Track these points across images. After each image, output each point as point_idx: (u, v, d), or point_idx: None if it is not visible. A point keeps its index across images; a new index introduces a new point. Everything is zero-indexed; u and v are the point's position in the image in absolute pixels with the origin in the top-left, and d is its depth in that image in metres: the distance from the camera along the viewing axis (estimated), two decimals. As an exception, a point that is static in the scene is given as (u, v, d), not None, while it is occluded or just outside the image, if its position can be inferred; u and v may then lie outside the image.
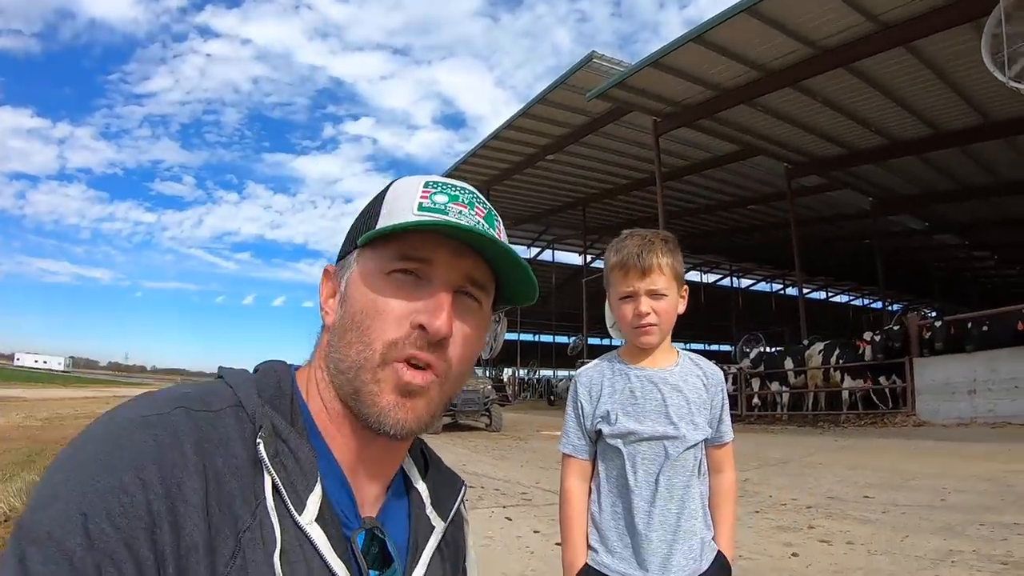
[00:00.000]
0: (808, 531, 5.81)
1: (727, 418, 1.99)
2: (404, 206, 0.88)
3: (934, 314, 16.99)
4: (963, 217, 28.04)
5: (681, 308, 1.95)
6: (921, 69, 15.94)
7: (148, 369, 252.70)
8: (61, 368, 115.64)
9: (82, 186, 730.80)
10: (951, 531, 5.47)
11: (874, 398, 16.84)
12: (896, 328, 16.30)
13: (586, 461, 1.96)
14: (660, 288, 1.86)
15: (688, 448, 1.84)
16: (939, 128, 19.26)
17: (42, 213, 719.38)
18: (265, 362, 0.92)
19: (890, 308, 32.90)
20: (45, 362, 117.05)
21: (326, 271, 0.95)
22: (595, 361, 2.06)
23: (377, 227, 0.87)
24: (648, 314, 1.85)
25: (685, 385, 1.90)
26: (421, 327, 0.84)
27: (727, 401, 2.00)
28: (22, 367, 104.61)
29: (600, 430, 1.90)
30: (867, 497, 7.17)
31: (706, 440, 1.92)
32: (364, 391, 0.84)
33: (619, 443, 1.86)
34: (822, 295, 49.89)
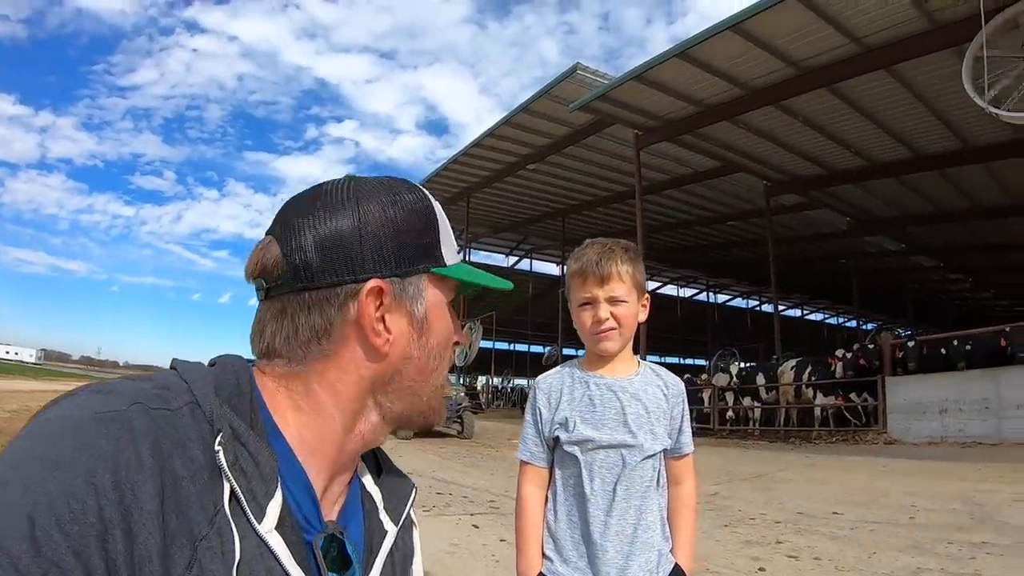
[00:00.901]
0: (776, 546, 5.81)
1: (687, 429, 1.97)
2: (449, 237, 0.95)
3: (907, 334, 17.15)
4: (939, 240, 28.30)
5: (642, 317, 1.93)
6: (902, 92, 16.05)
7: (121, 364, 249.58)
8: (32, 360, 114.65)
9: (62, 176, 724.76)
10: (919, 549, 5.49)
11: (847, 415, 16.93)
12: (871, 347, 16.45)
13: (543, 468, 1.93)
14: (619, 295, 1.85)
15: (646, 458, 1.82)
16: (918, 151, 19.42)
17: (20, 202, 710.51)
18: (221, 356, 0.87)
19: (864, 327, 33.19)
20: (16, 353, 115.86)
21: (379, 289, 0.84)
22: (555, 368, 2.03)
23: (444, 255, 0.93)
24: (607, 320, 1.85)
25: (644, 395, 1.88)
26: (456, 343, 0.96)
27: (687, 412, 1.98)
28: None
29: (558, 437, 1.87)
30: (836, 513, 7.19)
31: (665, 451, 1.90)
32: (434, 412, 0.95)
33: (576, 450, 1.83)
34: (797, 312, 50.26)
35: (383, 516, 0.94)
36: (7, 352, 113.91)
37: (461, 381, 27.91)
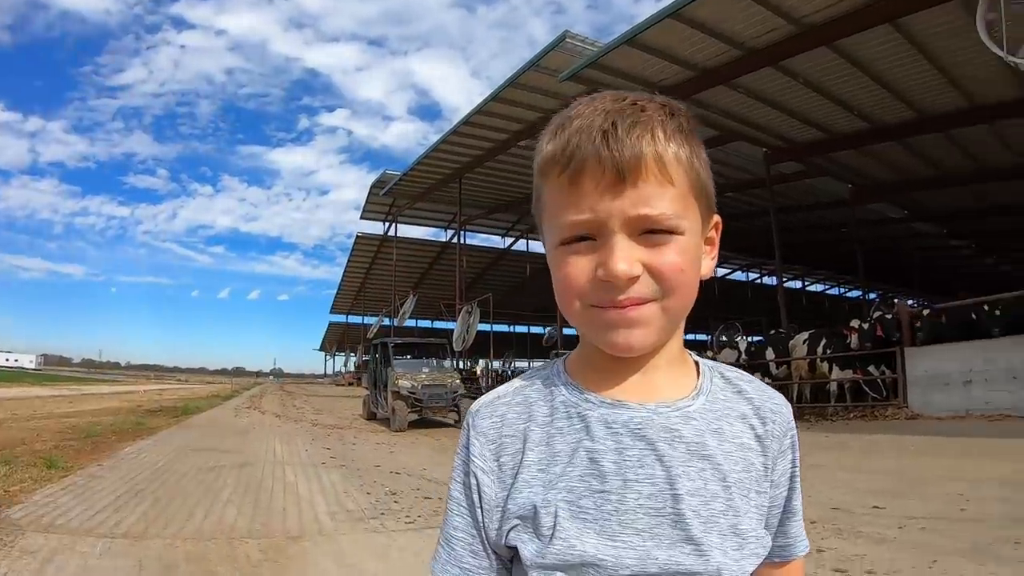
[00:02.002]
0: (818, 556, 5.03)
1: (799, 504, 0.98)
2: None
3: (912, 304, 16.63)
4: (942, 205, 27.68)
5: (708, 265, 0.94)
6: (907, 49, 15.38)
7: (123, 365, 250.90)
8: (32, 366, 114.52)
9: (55, 180, 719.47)
10: (984, 552, 4.77)
11: (866, 388, 16.27)
12: (889, 316, 15.74)
13: None
14: (662, 214, 0.82)
15: None
16: (922, 111, 18.73)
17: (14, 208, 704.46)
18: None
19: (868, 297, 32.68)
20: (16, 360, 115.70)
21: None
22: (519, 380, 0.99)
23: None
24: (633, 277, 0.82)
25: (718, 442, 0.88)
26: None
27: (799, 467, 0.98)
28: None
29: (517, 549, 0.87)
30: (876, 508, 6.46)
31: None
32: None
33: None
34: (798, 284, 49.67)
35: None
36: (7, 360, 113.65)
37: (459, 365, 27.20)
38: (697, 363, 0.97)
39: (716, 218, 0.94)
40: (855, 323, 16.76)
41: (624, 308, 0.83)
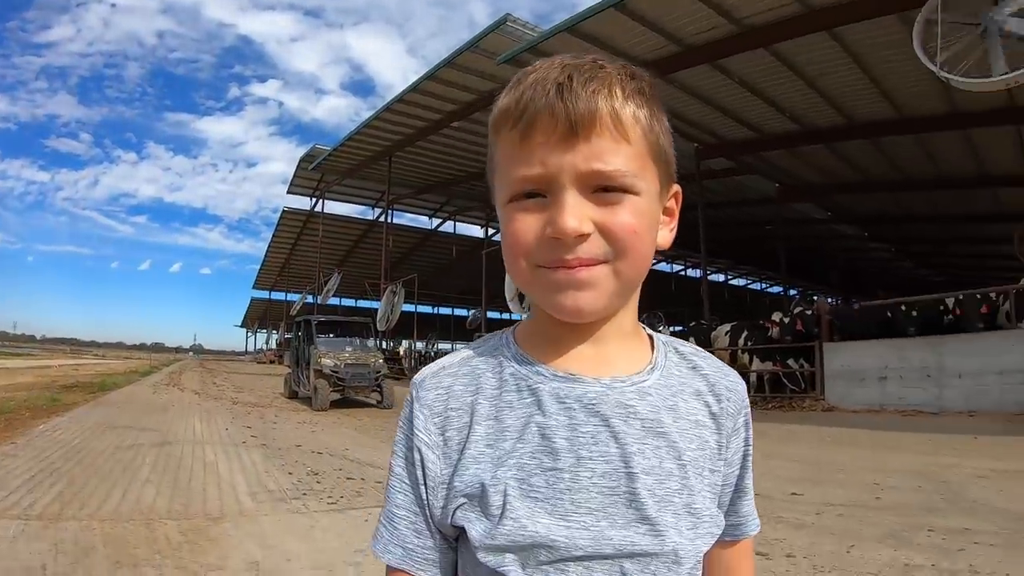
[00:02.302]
0: (742, 538, 5.22)
1: (750, 483, 0.97)
2: None
3: (831, 301, 17.21)
4: (865, 209, 28.59)
5: (665, 235, 0.92)
6: (843, 57, 15.75)
7: (38, 339, 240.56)
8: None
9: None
10: (899, 539, 4.98)
11: (785, 381, 16.80)
12: (809, 312, 16.27)
13: None
14: (615, 169, 0.78)
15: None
16: (853, 118, 19.24)
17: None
18: None
19: (789, 293, 33.59)
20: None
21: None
22: (465, 350, 0.94)
23: None
24: (583, 235, 0.78)
25: (673, 418, 0.86)
26: None
27: (751, 446, 0.97)
28: None
29: (464, 528, 0.82)
30: (795, 494, 6.68)
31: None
32: None
33: (512, 566, 0.79)
34: (722, 277, 50.79)
35: None
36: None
37: (381, 345, 26.99)
38: (651, 337, 0.95)
39: (676, 187, 0.93)
40: (777, 316, 17.28)
41: (573, 268, 0.79)
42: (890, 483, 6.97)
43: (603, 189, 0.78)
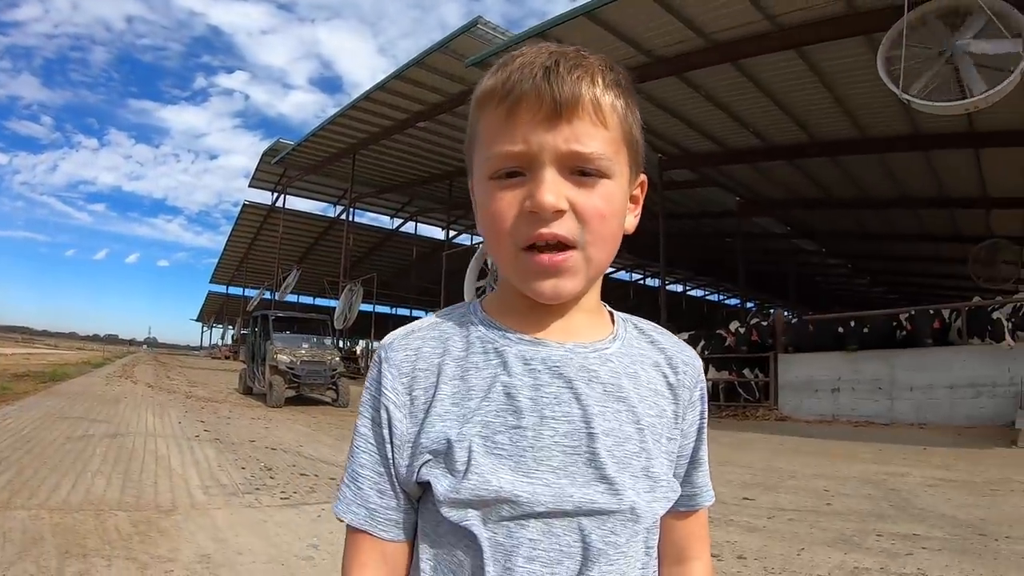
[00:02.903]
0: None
1: (705, 455, 0.99)
2: None
3: (787, 315, 17.47)
4: (824, 225, 29.02)
5: (631, 221, 0.96)
6: (809, 76, 15.98)
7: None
8: None
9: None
10: (849, 543, 5.08)
11: (740, 390, 17.04)
12: (764, 324, 16.53)
13: (396, 543, 0.88)
14: (594, 153, 0.82)
15: (636, 535, 0.85)
16: (815, 136, 19.53)
17: None
18: None
19: (747, 305, 33.99)
20: None
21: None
22: (432, 317, 0.96)
23: None
24: (560, 211, 0.81)
25: (632, 386, 0.89)
26: None
27: (706, 419, 1.00)
28: None
29: (428, 484, 0.84)
30: (747, 499, 6.78)
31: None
32: None
33: (474, 521, 0.81)
34: (680, 288, 51.24)
35: None
36: None
37: (339, 344, 26.79)
38: (612, 313, 0.99)
39: (643, 177, 0.98)
40: (734, 326, 17.51)
41: (551, 255, 0.83)
42: (841, 490, 7.11)
43: (580, 172, 0.83)
